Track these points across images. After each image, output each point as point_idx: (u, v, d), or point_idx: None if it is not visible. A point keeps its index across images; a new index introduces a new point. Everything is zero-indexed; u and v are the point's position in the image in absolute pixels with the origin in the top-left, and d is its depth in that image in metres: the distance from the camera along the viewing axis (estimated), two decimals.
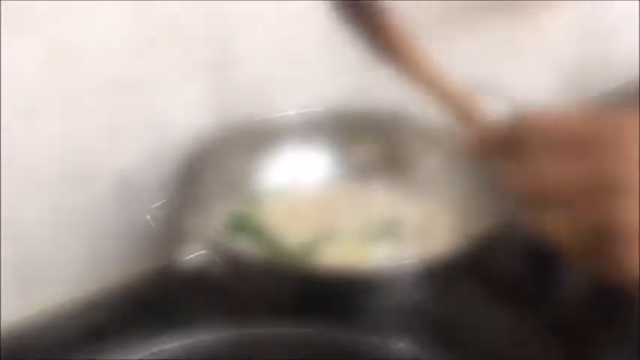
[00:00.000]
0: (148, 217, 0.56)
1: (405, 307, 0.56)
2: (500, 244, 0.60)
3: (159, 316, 0.60)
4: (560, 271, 0.67)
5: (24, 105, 0.60)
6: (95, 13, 0.60)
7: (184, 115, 0.69)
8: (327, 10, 0.56)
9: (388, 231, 0.68)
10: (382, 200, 0.72)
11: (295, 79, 0.75)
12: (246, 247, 0.65)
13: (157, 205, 0.61)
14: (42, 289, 0.66)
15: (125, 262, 0.70)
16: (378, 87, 0.83)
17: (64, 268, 0.67)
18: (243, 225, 0.68)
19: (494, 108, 0.68)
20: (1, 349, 0.60)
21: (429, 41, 0.80)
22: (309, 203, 0.72)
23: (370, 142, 0.75)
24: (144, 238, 0.68)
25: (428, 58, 0.53)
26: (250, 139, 0.72)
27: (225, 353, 0.40)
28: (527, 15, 0.90)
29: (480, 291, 0.66)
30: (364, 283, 0.55)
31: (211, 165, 0.69)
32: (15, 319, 0.62)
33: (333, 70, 0.77)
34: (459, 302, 0.65)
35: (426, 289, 0.55)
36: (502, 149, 0.46)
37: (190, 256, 0.56)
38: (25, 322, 0.64)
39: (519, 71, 1.01)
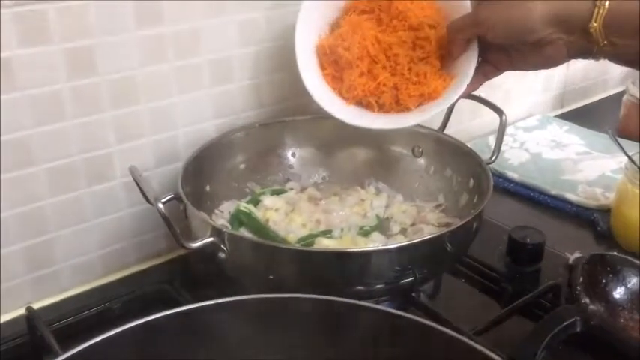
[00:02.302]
0: (159, 207, 0.59)
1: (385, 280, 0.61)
2: (476, 235, 0.66)
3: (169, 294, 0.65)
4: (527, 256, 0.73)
5: (48, 106, 0.64)
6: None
7: (190, 118, 0.74)
8: None
9: (377, 227, 0.73)
10: (372, 199, 0.77)
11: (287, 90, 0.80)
12: (247, 235, 0.69)
13: (165, 199, 0.63)
14: (59, 276, 0.70)
15: (137, 248, 0.75)
16: None
17: (81, 257, 0.71)
18: (244, 221, 0.71)
19: (490, 118, 0.73)
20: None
21: None
22: (306, 202, 0.76)
23: (361, 148, 0.80)
24: (153, 227, 0.73)
25: None
26: (250, 143, 0.77)
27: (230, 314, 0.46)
28: None
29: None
30: (351, 259, 0.59)
31: (214, 164, 0.73)
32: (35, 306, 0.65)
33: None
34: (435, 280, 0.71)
35: (406, 267, 0.60)
36: None
37: (198, 243, 0.60)
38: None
39: (514, 81, 1.04)
